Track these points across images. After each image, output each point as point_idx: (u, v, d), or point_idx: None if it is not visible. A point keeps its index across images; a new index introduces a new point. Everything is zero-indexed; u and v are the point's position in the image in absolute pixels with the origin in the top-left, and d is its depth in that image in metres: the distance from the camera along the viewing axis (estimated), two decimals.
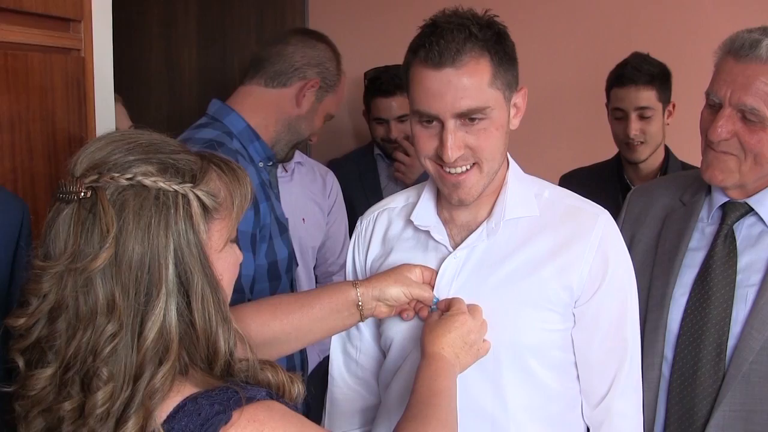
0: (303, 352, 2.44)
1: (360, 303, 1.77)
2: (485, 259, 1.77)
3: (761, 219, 1.94)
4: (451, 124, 1.66)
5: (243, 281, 2.15)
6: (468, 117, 1.66)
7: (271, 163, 2.42)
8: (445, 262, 1.79)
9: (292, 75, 2.37)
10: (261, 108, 2.37)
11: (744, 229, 1.96)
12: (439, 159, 1.70)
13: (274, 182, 2.49)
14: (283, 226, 2.39)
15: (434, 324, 1.70)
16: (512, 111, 1.76)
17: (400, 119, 3.37)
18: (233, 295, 2.05)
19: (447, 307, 1.74)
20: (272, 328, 1.73)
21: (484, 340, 1.73)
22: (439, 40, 1.64)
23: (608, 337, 1.77)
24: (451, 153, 1.66)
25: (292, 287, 2.45)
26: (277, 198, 2.45)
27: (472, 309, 1.73)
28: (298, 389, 1.40)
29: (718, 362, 1.90)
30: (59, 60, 1.97)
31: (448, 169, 1.70)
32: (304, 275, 3.12)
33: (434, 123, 1.69)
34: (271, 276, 2.29)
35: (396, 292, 1.77)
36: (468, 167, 1.70)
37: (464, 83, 1.64)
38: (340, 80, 2.49)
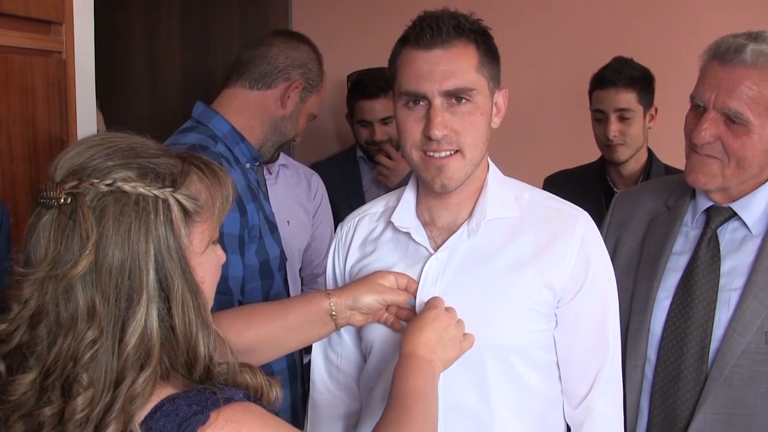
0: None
1: (334, 313, 1.78)
2: (467, 260, 1.78)
3: (744, 224, 1.95)
4: (438, 101, 1.69)
5: (231, 283, 2.16)
6: (455, 96, 1.70)
7: (257, 164, 2.44)
8: (428, 264, 1.79)
9: (276, 76, 2.39)
10: (246, 110, 2.38)
11: (727, 234, 1.97)
12: (424, 144, 1.72)
13: (262, 182, 2.51)
14: (273, 225, 2.40)
15: (409, 324, 1.72)
16: (494, 109, 1.78)
17: (384, 121, 3.37)
18: (222, 297, 2.05)
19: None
20: (247, 337, 1.73)
21: (466, 334, 1.73)
22: (431, 24, 1.70)
23: (590, 337, 1.79)
24: (438, 130, 1.69)
25: (286, 285, 2.47)
26: (266, 197, 2.47)
27: (447, 308, 1.74)
28: (276, 393, 1.40)
29: (701, 365, 1.91)
30: (40, 62, 1.95)
31: (431, 153, 1.72)
32: (289, 277, 3.10)
33: (421, 104, 1.72)
34: (263, 275, 2.30)
35: (369, 300, 1.78)
36: (451, 152, 1.72)
37: (452, 64, 1.70)
38: (322, 80, 2.52)
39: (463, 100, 1.70)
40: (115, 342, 1.23)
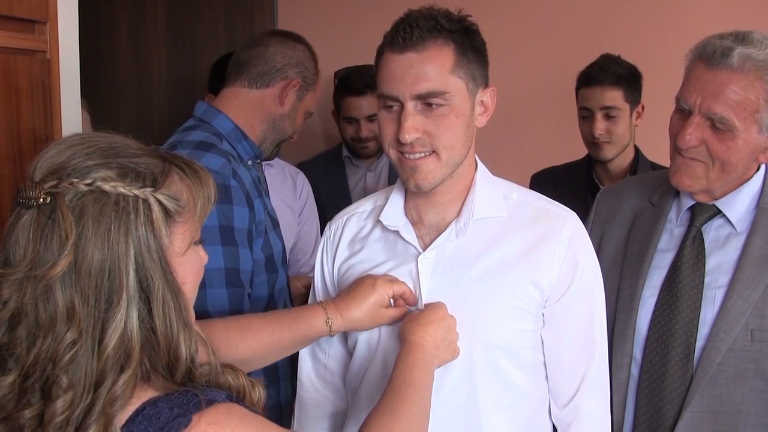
0: None
1: (331, 333, 1.79)
2: (455, 260, 1.78)
3: (729, 221, 1.95)
4: (410, 105, 1.68)
5: (243, 277, 2.21)
6: (427, 100, 1.68)
7: (258, 161, 2.49)
8: (420, 264, 1.79)
9: (274, 75, 2.44)
10: (246, 109, 2.43)
11: (712, 231, 1.97)
12: (398, 145, 1.72)
13: (262, 178, 2.55)
14: (275, 221, 2.45)
15: (416, 314, 1.72)
16: (479, 109, 1.77)
17: (370, 118, 3.39)
18: (236, 290, 2.10)
19: None
20: (241, 351, 1.72)
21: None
22: (406, 27, 1.68)
23: (577, 337, 1.79)
24: (408, 134, 1.68)
25: (287, 279, 2.52)
26: (267, 194, 2.50)
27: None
28: (259, 393, 1.40)
29: (687, 363, 1.91)
30: (24, 62, 1.94)
31: (407, 155, 1.71)
32: None
33: (396, 106, 1.71)
34: (269, 269, 2.35)
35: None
36: (426, 153, 1.71)
37: (425, 67, 1.68)
38: (317, 78, 2.57)
39: (436, 106, 1.69)
40: (95, 343, 1.22)
